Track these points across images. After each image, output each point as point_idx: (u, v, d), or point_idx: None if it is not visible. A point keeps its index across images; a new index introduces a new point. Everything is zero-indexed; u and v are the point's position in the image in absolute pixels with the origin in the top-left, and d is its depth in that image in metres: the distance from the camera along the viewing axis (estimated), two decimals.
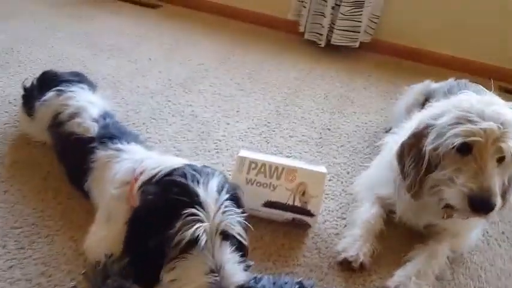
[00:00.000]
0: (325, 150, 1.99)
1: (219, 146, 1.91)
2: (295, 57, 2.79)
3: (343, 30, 2.76)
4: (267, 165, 1.51)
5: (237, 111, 2.19)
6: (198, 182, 1.10)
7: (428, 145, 1.28)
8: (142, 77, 2.35)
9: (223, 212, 1.08)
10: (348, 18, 2.72)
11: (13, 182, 1.57)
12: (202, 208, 1.06)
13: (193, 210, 1.04)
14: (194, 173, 1.12)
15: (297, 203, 1.49)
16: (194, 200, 1.06)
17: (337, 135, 2.11)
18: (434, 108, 1.41)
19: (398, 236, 1.55)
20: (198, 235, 1.03)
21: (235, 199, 1.16)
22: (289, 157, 1.90)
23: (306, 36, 2.91)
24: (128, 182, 1.27)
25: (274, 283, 1.15)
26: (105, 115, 1.58)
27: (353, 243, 1.43)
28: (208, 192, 1.09)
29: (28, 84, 1.78)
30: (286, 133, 2.08)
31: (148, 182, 1.19)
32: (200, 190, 1.08)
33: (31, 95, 1.72)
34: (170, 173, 1.16)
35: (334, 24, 2.77)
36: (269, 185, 1.50)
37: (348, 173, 1.87)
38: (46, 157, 1.69)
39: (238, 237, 1.12)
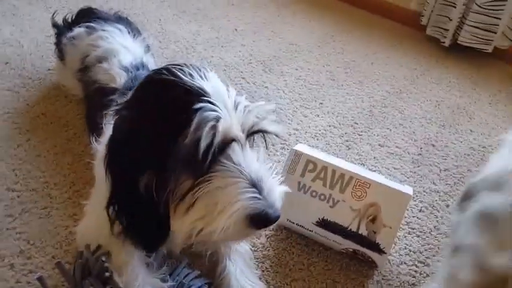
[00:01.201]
0: (423, 171, 1.53)
1: (288, 141, 1.55)
2: (409, 53, 2.29)
3: (475, 27, 2.18)
4: (330, 170, 1.11)
5: (321, 103, 1.80)
6: (194, 74, 0.78)
7: None
8: (221, 47, 2.05)
9: (242, 105, 0.80)
10: (485, 13, 2.13)
11: (32, 136, 1.36)
12: (216, 98, 0.77)
13: (208, 103, 0.75)
14: (182, 67, 0.80)
15: (363, 231, 1.09)
16: (202, 91, 0.77)
17: (443, 154, 1.63)
18: None
19: None
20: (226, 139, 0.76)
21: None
22: (371, 171, 1.47)
23: (428, 31, 2.38)
24: None
25: None
26: (139, 65, 1.28)
27: None
28: (213, 82, 0.80)
29: (60, 21, 1.54)
30: (376, 140, 1.65)
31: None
32: (202, 81, 0.78)
33: (61, 34, 1.49)
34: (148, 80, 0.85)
35: (465, 18, 2.20)
36: (328, 198, 1.10)
37: (447, 206, 1.40)
38: (77, 116, 1.46)
39: (273, 130, 0.84)
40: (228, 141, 0.77)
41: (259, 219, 0.76)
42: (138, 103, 0.82)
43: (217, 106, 0.75)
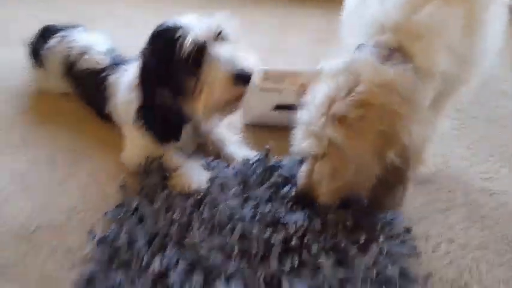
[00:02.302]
0: None
1: None
2: None
3: None
4: (272, 73, 1.68)
5: None
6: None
7: None
8: None
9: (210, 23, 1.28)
10: None
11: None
12: (190, 27, 1.25)
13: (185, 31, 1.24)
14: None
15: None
16: (183, 26, 1.26)
17: None
18: None
19: None
20: (199, 42, 1.24)
21: None
22: None
23: None
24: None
25: None
26: (110, 49, 1.77)
27: None
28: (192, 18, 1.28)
29: (31, 40, 1.96)
30: None
31: None
32: (185, 20, 1.28)
33: (37, 48, 1.91)
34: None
35: None
36: (276, 90, 1.67)
37: None
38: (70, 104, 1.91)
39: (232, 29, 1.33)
40: (202, 45, 1.25)
41: (239, 77, 1.25)
42: (150, 45, 1.33)
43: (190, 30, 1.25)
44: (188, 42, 1.22)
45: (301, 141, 1.13)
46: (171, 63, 1.26)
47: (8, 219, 1.34)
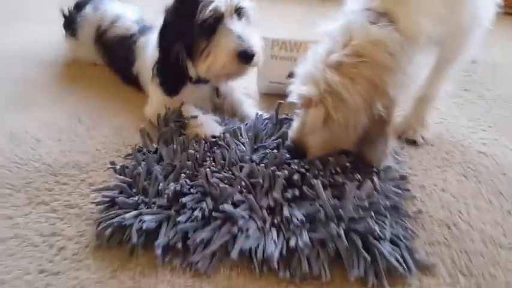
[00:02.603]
0: None
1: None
2: None
3: None
4: (287, 42, 1.80)
5: None
6: None
7: None
8: None
9: None
10: None
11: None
12: None
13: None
14: None
15: None
16: None
17: None
18: None
19: None
20: (220, 17, 1.37)
21: None
22: None
23: None
24: None
25: None
26: (139, 20, 1.93)
27: None
28: None
29: (65, 11, 2.14)
30: None
31: None
32: None
33: (71, 18, 2.09)
34: None
35: None
36: (290, 58, 1.79)
37: None
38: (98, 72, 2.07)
39: (250, 11, 1.46)
40: (220, 15, 1.39)
41: (243, 55, 1.39)
42: (174, 4, 1.46)
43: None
44: (208, 9, 1.36)
45: (299, 87, 1.24)
46: (189, 24, 1.39)
47: (40, 157, 1.48)
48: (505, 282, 1.06)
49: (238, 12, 1.44)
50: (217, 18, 1.39)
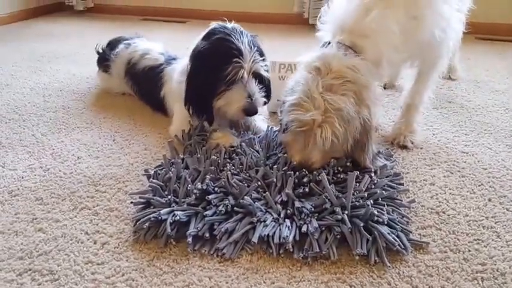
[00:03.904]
0: None
1: None
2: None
3: None
4: (293, 65, 1.93)
5: None
6: (237, 38, 1.52)
7: None
8: None
9: (254, 60, 1.52)
10: None
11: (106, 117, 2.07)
12: (243, 57, 1.50)
13: (239, 60, 1.50)
14: (232, 31, 1.54)
15: None
16: (238, 52, 1.50)
17: None
18: None
19: None
20: (242, 75, 1.50)
21: (260, 50, 1.58)
22: None
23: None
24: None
25: None
26: (164, 52, 2.05)
27: None
28: (245, 46, 1.52)
29: (100, 49, 2.30)
30: None
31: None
32: (240, 45, 1.51)
33: (105, 56, 2.23)
34: (213, 32, 1.58)
35: None
36: None
37: None
38: (127, 101, 2.20)
39: (264, 74, 1.58)
40: (242, 76, 1.53)
41: (247, 112, 1.56)
42: (209, 41, 1.57)
43: (242, 61, 1.50)
44: (235, 71, 1.51)
45: (302, 115, 1.32)
46: (216, 74, 1.54)
47: (81, 171, 1.58)
48: (488, 256, 1.13)
49: (255, 75, 1.57)
50: (238, 77, 1.53)
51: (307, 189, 1.30)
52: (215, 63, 1.52)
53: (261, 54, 1.59)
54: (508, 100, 2.13)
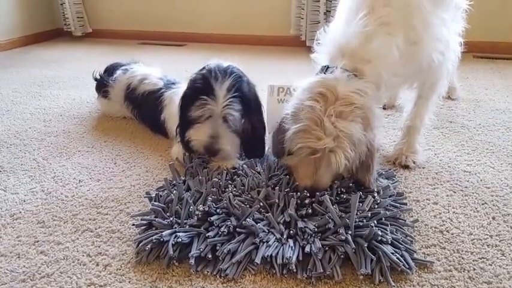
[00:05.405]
0: None
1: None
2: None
3: None
4: (292, 89, 1.97)
5: None
6: (216, 80, 1.56)
7: None
8: None
9: (226, 105, 1.55)
10: None
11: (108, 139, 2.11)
12: (215, 98, 1.54)
13: (207, 99, 1.54)
14: (217, 71, 1.58)
15: None
16: (210, 91, 1.55)
17: None
18: None
19: None
20: (209, 115, 1.55)
21: (240, 98, 1.59)
22: None
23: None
24: None
25: None
26: (162, 76, 2.11)
27: None
28: (222, 88, 1.55)
29: (98, 76, 2.35)
30: None
31: None
32: (216, 86, 1.55)
33: (103, 82, 2.29)
34: (203, 68, 1.64)
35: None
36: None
37: None
38: (128, 124, 2.25)
39: (232, 124, 1.59)
40: (209, 115, 1.58)
41: (207, 150, 1.61)
42: (191, 82, 1.64)
43: (212, 101, 1.54)
44: (204, 109, 1.56)
45: (312, 143, 1.33)
46: (187, 106, 1.62)
47: (83, 194, 1.61)
48: (494, 274, 1.15)
49: (225, 119, 1.60)
50: (205, 116, 1.58)
51: (310, 210, 1.32)
52: (189, 97, 1.59)
53: (247, 102, 1.61)
54: (509, 119, 2.17)
